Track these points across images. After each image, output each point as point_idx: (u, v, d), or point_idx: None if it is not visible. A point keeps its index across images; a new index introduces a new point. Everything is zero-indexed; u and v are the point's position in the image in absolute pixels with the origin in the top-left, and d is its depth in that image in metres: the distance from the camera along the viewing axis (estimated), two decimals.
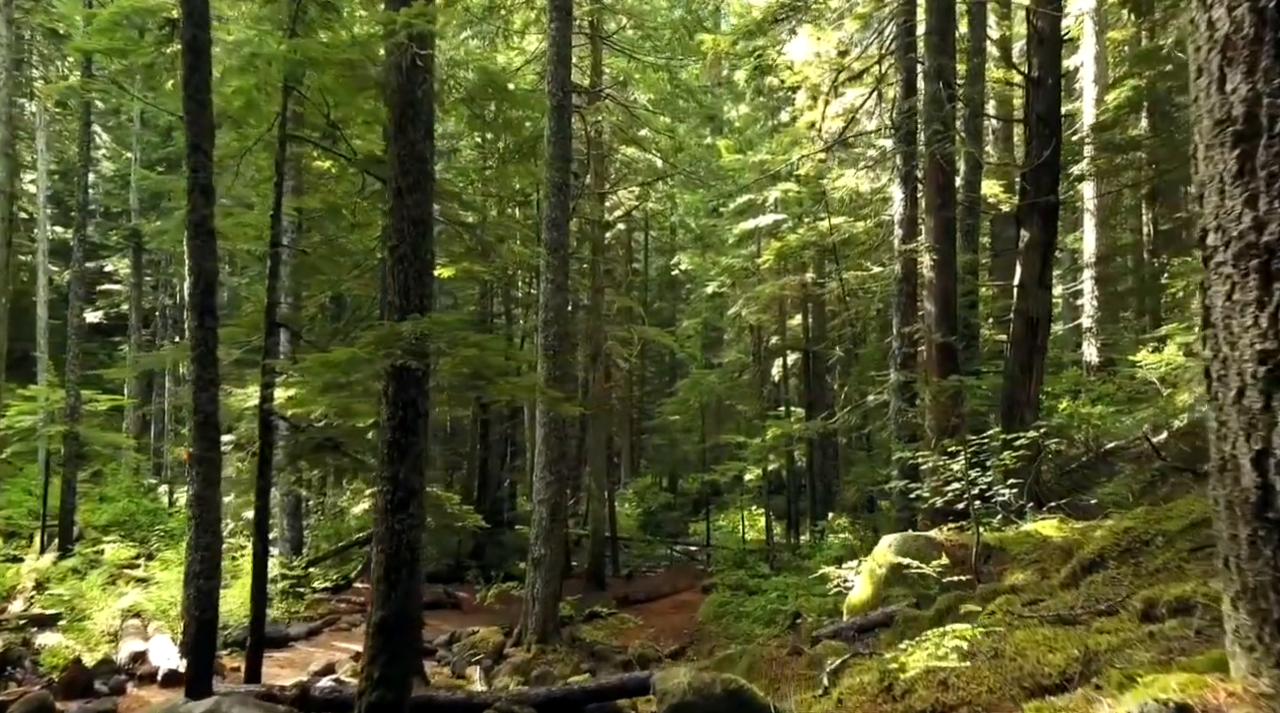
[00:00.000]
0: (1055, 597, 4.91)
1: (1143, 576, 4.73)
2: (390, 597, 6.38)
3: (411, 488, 6.57)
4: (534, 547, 13.74)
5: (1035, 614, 4.31)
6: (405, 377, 6.53)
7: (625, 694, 7.97)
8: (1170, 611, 3.28)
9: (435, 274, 10.44)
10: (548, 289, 13.83)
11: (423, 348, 6.34)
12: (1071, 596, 4.64)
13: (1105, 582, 4.81)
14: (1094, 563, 5.36)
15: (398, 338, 6.20)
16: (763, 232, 22.91)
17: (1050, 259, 11.89)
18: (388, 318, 6.68)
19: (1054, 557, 7.32)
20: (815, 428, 15.12)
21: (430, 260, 6.81)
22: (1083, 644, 3.19)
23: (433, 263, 6.83)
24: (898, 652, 4.16)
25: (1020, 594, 5.99)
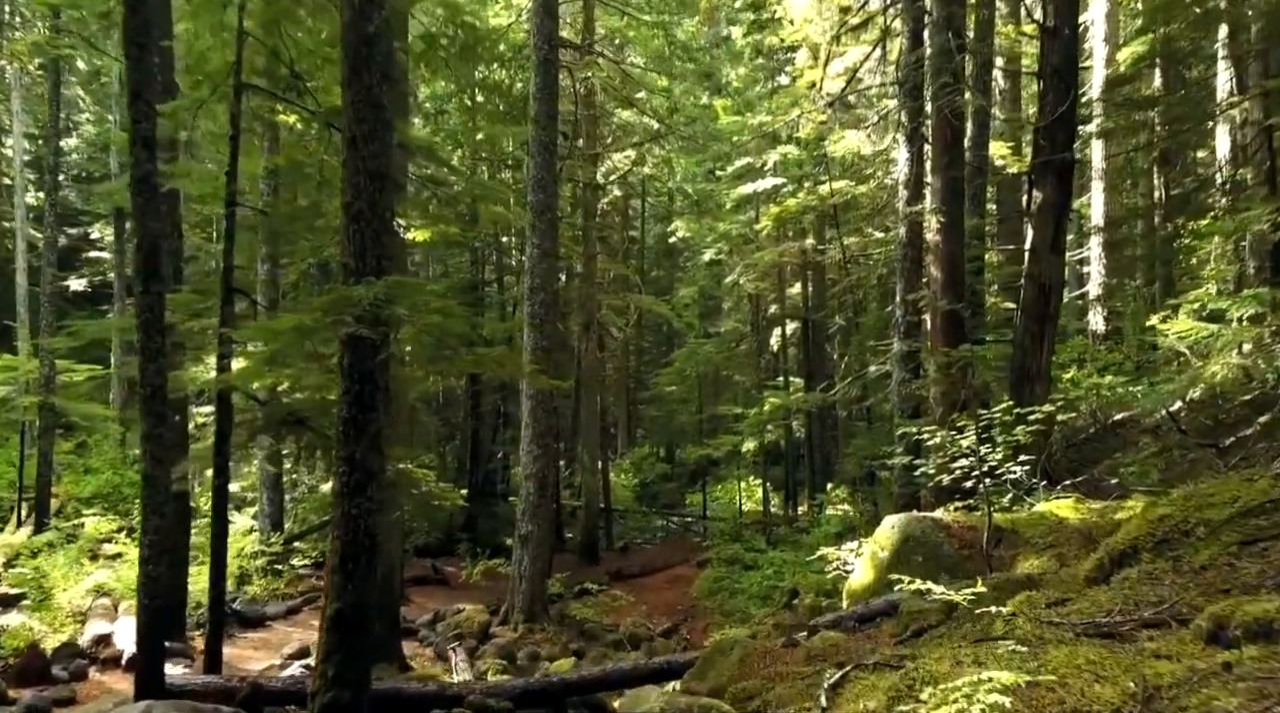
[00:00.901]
0: (1084, 596, 4.34)
1: (1185, 574, 4.15)
2: (346, 588, 5.81)
3: (370, 470, 5.97)
4: (521, 523, 13.22)
5: (1065, 621, 3.74)
6: (361, 347, 5.91)
7: (608, 687, 7.46)
8: (1247, 634, 2.70)
9: (409, 237, 9.80)
10: (534, 254, 13.19)
11: (378, 315, 5.72)
12: (1105, 596, 4.06)
13: (1141, 579, 4.23)
14: (1125, 555, 4.78)
15: (349, 304, 5.57)
16: (761, 196, 22.18)
17: (1064, 222, 11.22)
18: (344, 282, 6.05)
19: (1071, 541, 6.77)
20: (814, 400, 14.55)
21: (389, 218, 6.17)
22: (1139, 674, 2.62)
23: (393, 221, 6.19)
24: (909, 669, 3.59)
25: (1041, 589, 5.42)
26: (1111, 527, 6.68)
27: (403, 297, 5.83)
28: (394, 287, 5.68)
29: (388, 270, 6.07)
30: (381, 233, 6.11)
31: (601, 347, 23.25)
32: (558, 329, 18.88)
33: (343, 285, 5.96)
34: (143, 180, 7.15)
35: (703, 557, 18.59)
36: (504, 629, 12.98)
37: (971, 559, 7.22)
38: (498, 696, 7.19)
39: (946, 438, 7.58)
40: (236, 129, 8.19)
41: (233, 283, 7.94)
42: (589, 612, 14.00)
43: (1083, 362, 19.04)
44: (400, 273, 12.59)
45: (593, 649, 12.82)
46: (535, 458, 13.05)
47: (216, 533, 7.90)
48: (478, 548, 21.98)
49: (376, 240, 6.07)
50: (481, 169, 23.31)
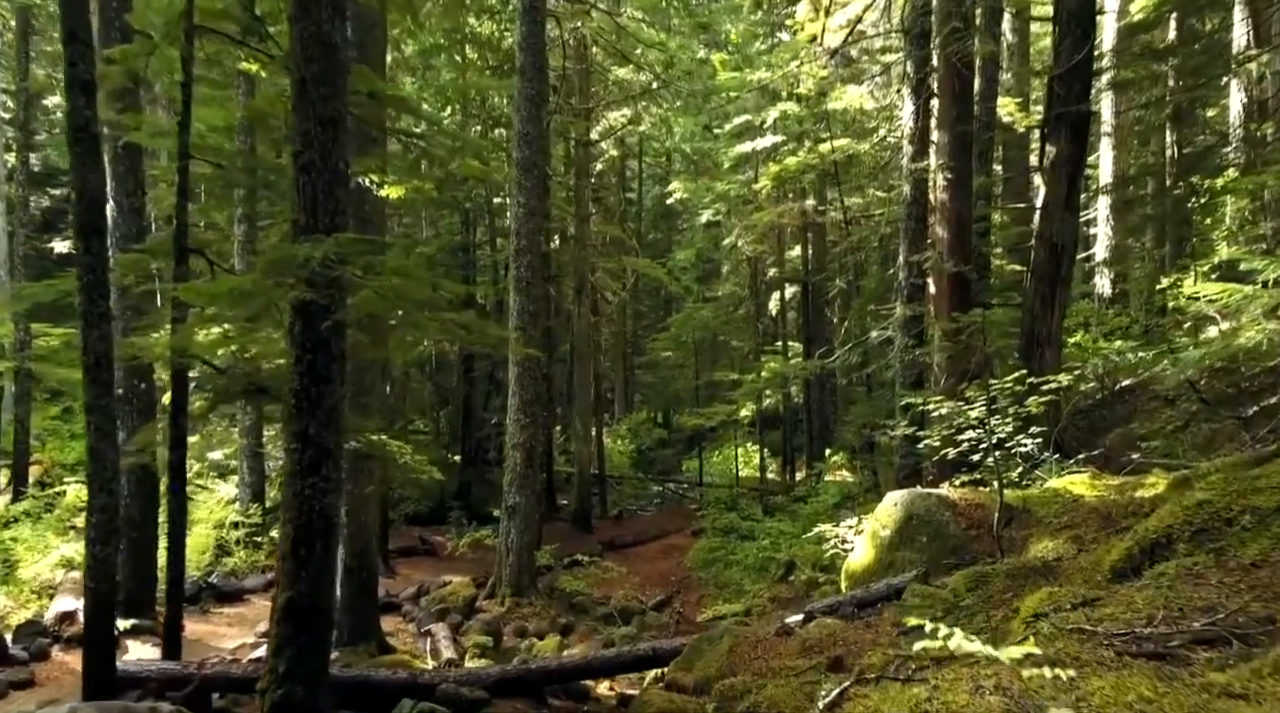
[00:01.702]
0: (1114, 594, 3.82)
1: (1232, 571, 3.64)
2: (299, 576, 5.31)
3: (324, 447, 5.45)
4: (508, 494, 12.75)
5: (1099, 630, 3.22)
6: (313, 312, 5.35)
7: (590, 674, 7.01)
8: None
9: (384, 195, 9.19)
10: (520, 214, 12.57)
11: (328, 277, 5.16)
12: (1141, 598, 3.55)
13: (1181, 576, 3.72)
14: (1158, 545, 4.27)
15: (295, 264, 5.01)
16: (760, 156, 21.45)
17: (1079, 178, 10.59)
18: (294, 240, 5.47)
19: (1089, 522, 6.26)
20: (813, 367, 14.01)
21: (344, 170, 5.57)
22: None
23: (348, 172, 5.60)
24: (919, 694, 3.08)
25: (1060, 579, 4.93)
26: (1133, 506, 6.18)
27: (356, 256, 5.26)
28: (345, 245, 5.11)
29: (342, 227, 5.50)
30: (335, 186, 5.53)
31: (596, 311, 22.65)
32: (548, 292, 18.31)
33: (292, 243, 5.39)
34: (81, 129, 6.54)
35: (698, 526, 18.19)
36: (491, 603, 12.57)
37: (979, 540, 6.73)
38: (472, 684, 6.75)
39: (953, 409, 7.05)
40: (189, 76, 7.53)
41: (187, 242, 7.34)
42: (579, 584, 13.60)
43: (1088, 326, 18.50)
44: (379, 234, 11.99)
45: (582, 624, 12.43)
46: (522, 427, 12.55)
47: (174, 511, 7.40)
48: (470, 516, 21.62)
49: (329, 194, 5.50)
50: (474, 128, 22.55)
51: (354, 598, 9.75)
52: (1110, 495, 6.58)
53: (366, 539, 9.92)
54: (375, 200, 9.77)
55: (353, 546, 9.74)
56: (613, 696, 7.91)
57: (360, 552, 9.78)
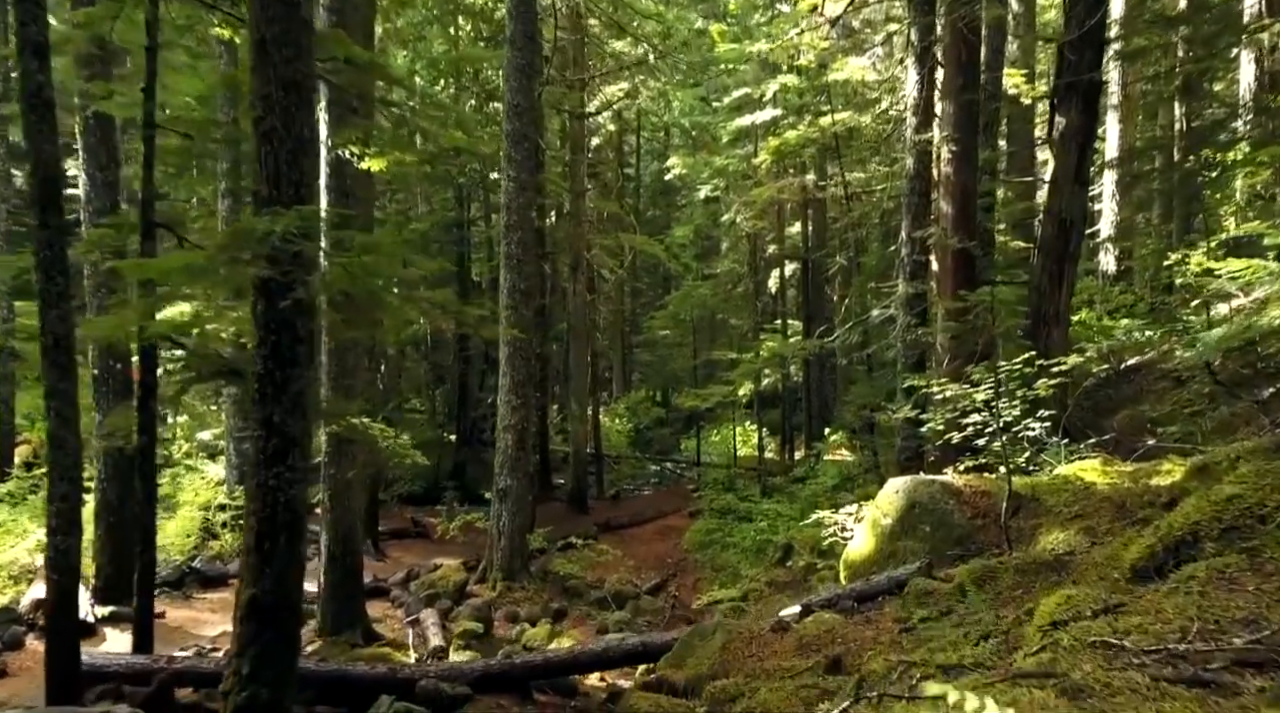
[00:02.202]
0: (1138, 598, 3.50)
1: (1270, 576, 3.31)
2: (264, 571, 4.99)
3: (290, 435, 5.11)
4: (499, 477, 12.45)
5: (1127, 644, 2.90)
6: (276, 291, 5.00)
7: (577, 669, 6.72)
8: None
9: (366, 168, 8.80)
10: (510, 189, 12.16)
11: (291, 253, 4.80)
12: (1170, 604, 3.22)
13: (1212, 580, 3.40)
14: (1183, 544, 3.94)
15: (253, 240, 4.65)
16: (760, 129, 20.97)
17: (1090, 150, 10.22)
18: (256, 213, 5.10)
19: (1101, 511, 5.94)
20: (812, 346, 13.66)
21: (310, 137, 5.19)
22: None
23: (314, 140, 5.22)
24: None
25: (1074, 574, 4.61)
26: (1148, 495, 5.86)
27: (321, 231, 4.90)
28: (309, 219, 4.74)
29: (308, 199, 5.13)
30: (299, 155, 5.15)
31: (592, 289, 22.26)
32: (541, 270, 17.93)
33: (253, 217, 5.03)
34: (34, 95, 6.15)
35: (695, 507, 17.91)
36: (482, 588, 12.29)
37: (985, 530, 6.42)
38: (454, 680, 6.46)
39: (959, 391, 6.71)
40: (153, 40, 7.15)
41: (154, 217, 6.97)
42: (573, 567, 13.31)
43: (1092, 303, 18.13)
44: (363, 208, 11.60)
45: (575, 608, 12.17)
46: (514, 409, 12.22)
47: (144, 499, 7.09)
48: (465, 497, 21.34)
49: (293, 164, 5.12)
50: (469, 102, 22.06)
51: (338, 585, 9.47)
52: (1123, 483, 6.27)
53: (350, 524, 9.63)
54: (357, 173, 9.37)
55: (336, 531, 9.45)
56: (603, 687, 7.63)
57: (344, 537, 9.49)
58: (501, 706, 6.38)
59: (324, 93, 9.21)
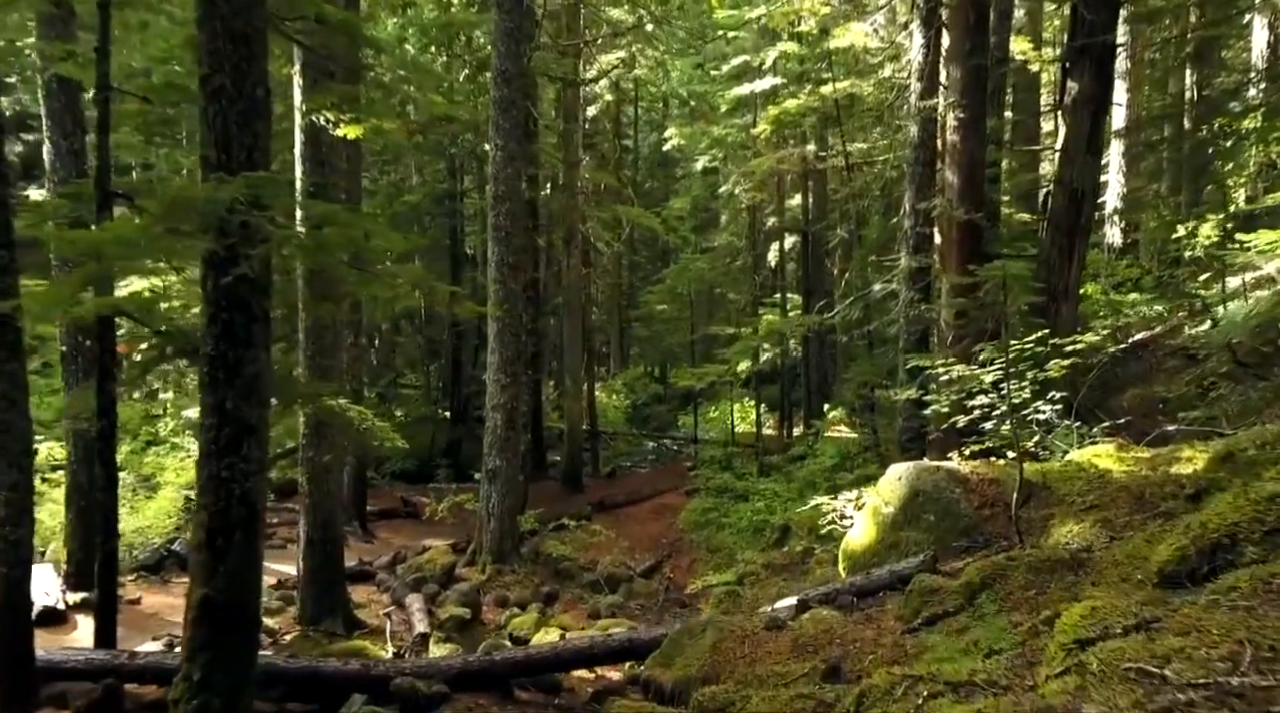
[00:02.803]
0: (1172, 613, 3.12)
1: None
2: (216, 570, 4.62)
3: (245, 421, 4.72)
4: (489, 457, 12.09)
5: (1169, 674, 2.52)
6: (228, 266, 4.58)
7: (560, 667, 6.38)
8: None
9: (343, 136, 8.35)
10: (498, 158, 11.68)
11: (241, 224, 4.37)
12: (1213, 621, 2.84)
13: (1258, 593, 3.02)
14: (1219, 547, 3.56)
15: (197, 210, 4.23)
16: (759, 99, 20.41)
17: (1103, 117, 9.77)
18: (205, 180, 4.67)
19: (1119, 501, 5.57)
20: (811, 323, 13.25)
21: (263, 98, 4.75)
22: None
23: (267, 99, 4.78)
24: None
25: (1093, 575, 4.23)
26: (1169, 484, 5.48)
27: (274, 200, 4.47)
28: (258, 186, 4.31)
29: (261, 165, 4.69)
30: (251, 116, 4.71)
31: (587, 263, 21.80)
32: (533, 243, 17.48)
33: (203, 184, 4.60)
34: None
35: (691, 486, 17.58)
36: (471, 570, 11.98)
37: (993, 520, 6.05)
38: (431, 677, 6.11)
39: (967, 372, 6.32)
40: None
41: (110, 186, 6.54)
42: (565, 549, 13.00)
43: (1097, 277, 17.69)
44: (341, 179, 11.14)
45: (567, 591, 11.87)
46: (503, 387, 11.83)
47: (104, 485, 6.71)
48: (459, 474, 21.02)
49: (245, 126, 4.69)
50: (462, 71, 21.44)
51: (317, 571, 9.13)
52: (1141, 470, 5.89)
53: (330, 509, 9.26)
54: (334, 142, 8.91)
55: (315, 516, 9.09)
56: (590, 679, 7.30)
57: (323, 522, 9.13)
58: (480, 705, 6.04)
59: (298, 56, 8.76)
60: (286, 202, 4.50)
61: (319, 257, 4.67)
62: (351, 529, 14.09)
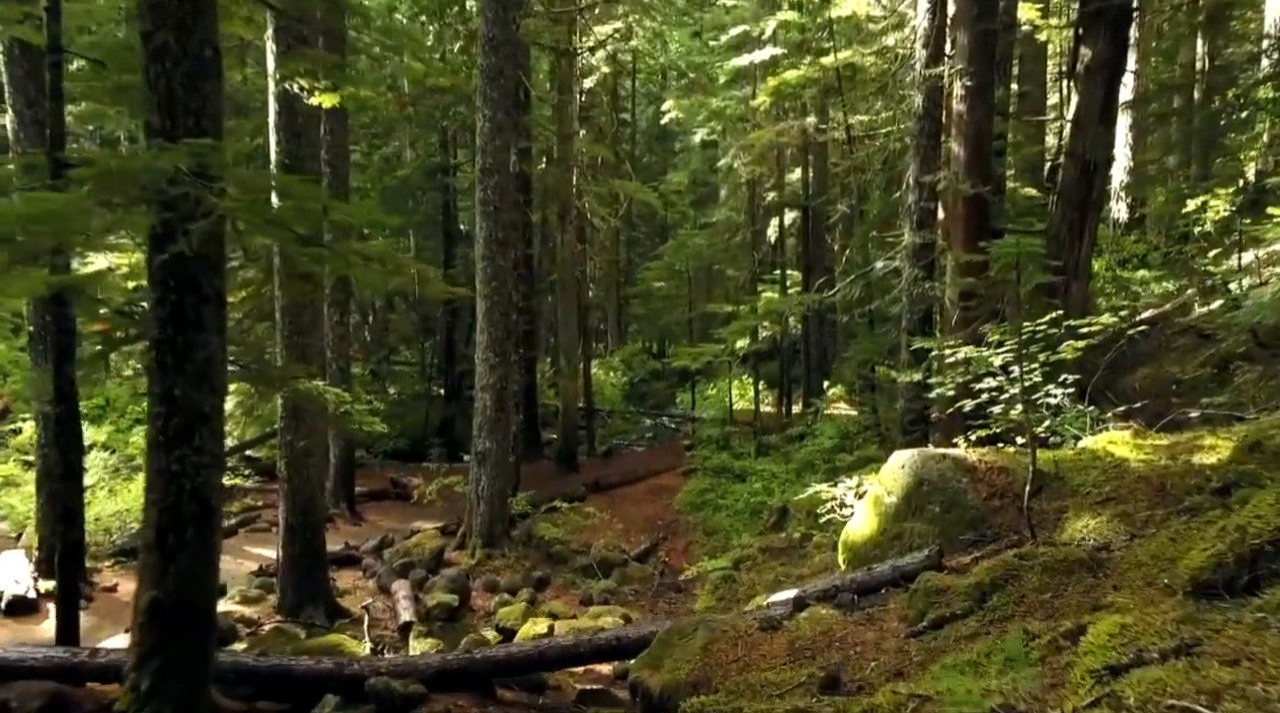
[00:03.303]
0: (1215, 634, 2.77)
1: None
2: (167, 570, 4.29)
3: (197, 410, 4.37)
4: (478, 439, 11.75)
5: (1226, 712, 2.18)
6: (175, 243, 4.20)
7: (544, 666, 6.06)
8: None
9: (317, 104, 7.92)
10: (486, 129, 11.25)
11: (186, 196, 3.99)
12: (1267, 645, 2.50)
13: None
14: (1261, 555, 3.21)
15: (135, 178, 3.84)
16: (758, 70, 19.88)
17: (1117, 85, 9.33)
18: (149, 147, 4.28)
19: (1137, 494, 5.22)
20: (810, 301, 12.87)
21: (212, 58, 4.35)
22: None
23: (217, 59, 4.37)
24: None
25: (1120, 589, 3.89)
26: (1192, 475, 5.13)
27: (223, 170, 4.08)
28: (203, 154, 3.92)
29: (212, 132, 4.30)
30: (199, 78, 4.31)
31: (582, 238, 21.35)
32: (525, 217, 17.05)
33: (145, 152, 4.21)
34: None
35: (688, 466, 17.27)
36: (460, 555, 11.67)
37: (1003, 512, 5.70)
38: (407, 676, 5.80)
39: (975, 354, 5.94)
40: None
41: (63, 155, 6.13)
42: (558, 531, 12.68)
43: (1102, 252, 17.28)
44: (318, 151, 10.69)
45: (559, 576, 11.57)
46: (492, 367, 11.47)
47: (63, 474, 6.37)
48: (452, 454, 20.70)
49: (192, 88, 4.29)
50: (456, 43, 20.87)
51: (297, 559, 8.82)
52: (1160, 460, 5.53)
53: (310, 494, 8.93)
54: (311, 112, 8.49)
55: (294, 501, 8.77)
56: (579, 673, 7.01)
57: (303, 508, 8.80)
58: (460, 706, 5.73)
59: (270, 20, 8.31)
60: (242, 172, 4.10)
61: (271, 232, 4.28)
62: (339, 512, 13.80)
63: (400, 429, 22.41)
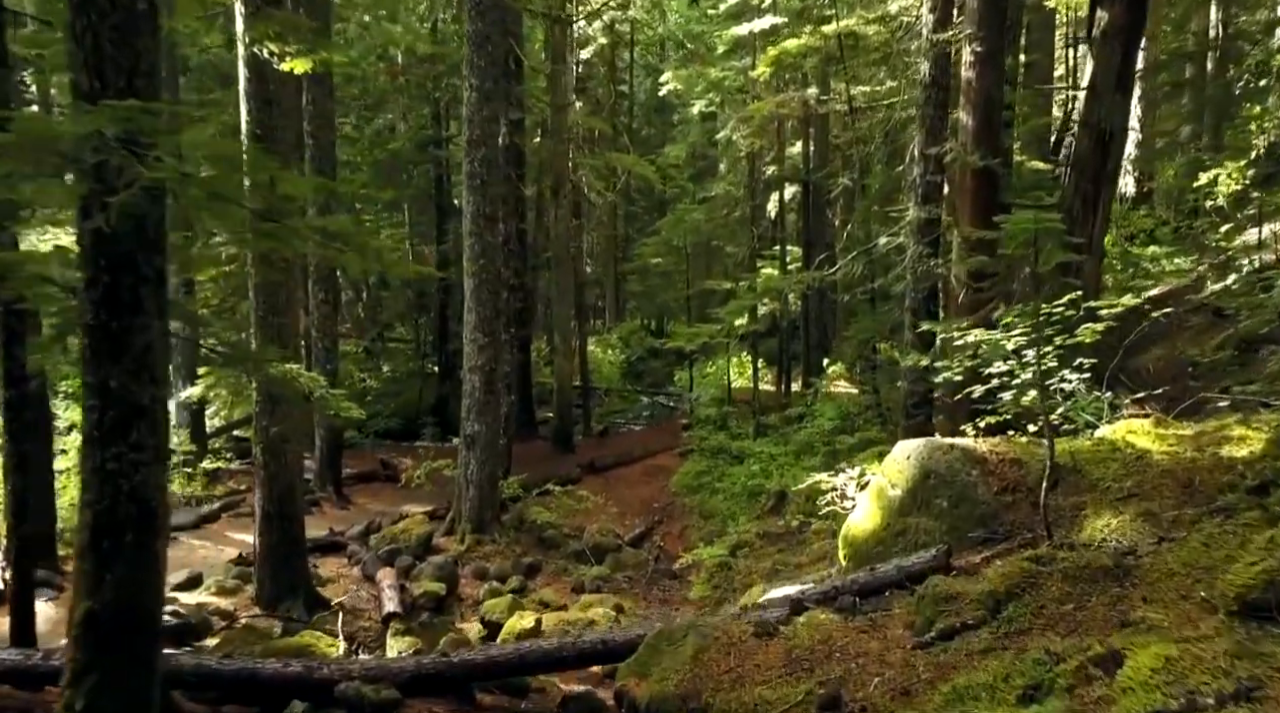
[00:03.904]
0: (1273, 670, 2.40)
1: None
2: (103, 579, 3.90)
3: (135, 403, 3.97)
4: (467, 422, 11.37)
5: None
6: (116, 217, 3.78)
7: (525, 670, 5.71)
8: None
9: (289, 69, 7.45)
10: (473, 99, 10.77)
11: (118, 162, 3.57)
12: None
13: None
14: None
15: (57, 147, 3.42)
16: (757, 39, 19.30)
17: (1135, 50, 8.85)
18: None
19: (1162, 490, 4.84)
20: (810, 280, 12.44)
21: (146, 10, 3.91)
22: None
23: (153, 13, 3.93)
24: None
25: (1147, 598, 3.52)
26: (1222, 469, 4.75)
27: (158, 135, 3.65)
28: (133, 116, 3.49)
29: (146, 93, 3.87)
30: (130, 32, 3.87)
31: (578, 213, 20.88)
32: (517, 192, 16.57)
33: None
34: None
35: (685, 447, 16.92)
36: (449, 541, 11.33)
37: (1015, 508, 5.32)
38: (380, 680, 5.45)
39: (987, 338, 5.54)
40: None
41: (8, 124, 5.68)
42: (550, 516, 12.34)
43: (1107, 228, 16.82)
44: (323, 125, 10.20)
45: (551, 563, 11.25)
46: (480, 347, 11.06)
47: (14, 465, 5.99)
48: (445, 433, 20.33)
49: (123, 44, 3.85)
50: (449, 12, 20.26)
51: (275, 548, 8.46)
52: (1185, 452, 5.15)
53: (289, 481, 8.55)
54: (285, 77, 8.01)
55: (270, 489, 8.39)
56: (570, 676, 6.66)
57: (280, 496, 8.43)
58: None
59: None
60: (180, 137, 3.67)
61: (215, 207, 3.86)
62: (326, 495, 13.47)
63: (394, 408, 22.06)
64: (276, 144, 8.12)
